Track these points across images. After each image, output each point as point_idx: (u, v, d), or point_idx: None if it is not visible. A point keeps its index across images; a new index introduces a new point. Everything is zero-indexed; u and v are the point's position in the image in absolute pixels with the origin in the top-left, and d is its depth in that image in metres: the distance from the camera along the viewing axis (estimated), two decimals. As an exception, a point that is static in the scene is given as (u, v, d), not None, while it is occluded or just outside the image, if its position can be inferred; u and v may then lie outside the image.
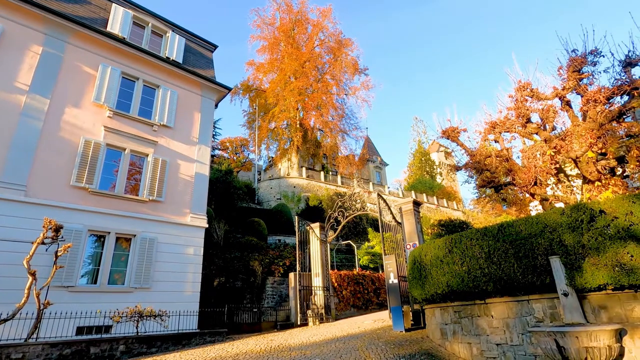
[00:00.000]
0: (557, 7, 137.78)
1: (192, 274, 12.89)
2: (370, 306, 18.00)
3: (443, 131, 11.47)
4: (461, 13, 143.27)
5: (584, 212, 5.34)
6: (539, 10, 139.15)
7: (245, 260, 17.47)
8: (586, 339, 4.38)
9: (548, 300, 5.77)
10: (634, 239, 4.77)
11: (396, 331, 10.04)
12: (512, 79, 10.23)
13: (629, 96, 8.34)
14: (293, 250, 18.70)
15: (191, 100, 15.35)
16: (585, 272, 5.11)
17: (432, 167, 53.68)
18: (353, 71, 40.63)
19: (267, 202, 33.36)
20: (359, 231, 29.55)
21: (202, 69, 16.44)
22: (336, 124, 39.09)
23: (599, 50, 8.77)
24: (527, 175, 9.52)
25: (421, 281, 7.91)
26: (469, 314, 7.07)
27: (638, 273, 4.64)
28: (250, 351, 8.73)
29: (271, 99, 37.08)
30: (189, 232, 13.34)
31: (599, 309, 5.19)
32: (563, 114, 9.79)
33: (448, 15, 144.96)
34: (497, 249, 6.24)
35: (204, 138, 15.11)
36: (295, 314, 14.84)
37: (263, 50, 39.57)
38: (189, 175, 14.10)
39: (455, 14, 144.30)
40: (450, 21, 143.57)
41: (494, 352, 6.42)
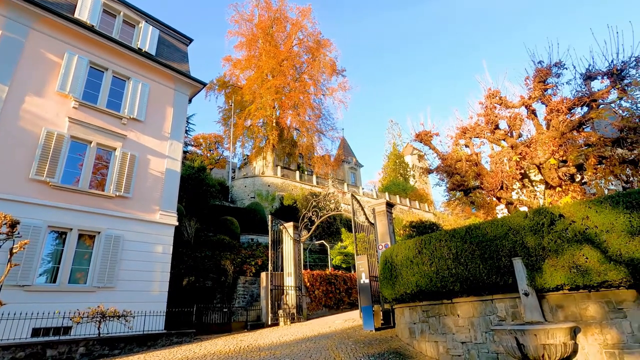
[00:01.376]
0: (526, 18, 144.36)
1: (160, 273, 12.49)
2: (342, 306, 18.13)
3: (416, 135, 11.72)
4: (435, 20, 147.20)
5: (545, 216, 5.60)
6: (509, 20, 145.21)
7: (216, 259, 17.13)
8: (544, 336, 4.60)
9: (510, 300, 6.01)
10: (589, 242, 5.05)
11: (366, 330, 10.15)
12: (483, 86, 10.61)
13: (589, 107, 8.84)
14: (266, 250, 18.53)
15: (164, 94, 14.89)
16: (544, 273, 5.36)
17: (405, 169, 54.75)
18: (331, 72, 40.79)
19: (240, 201, 32.90)
20: (333, 231, 29.70)
21: (176, 62, 15.99)
22: (313, 124, 39.11)
23: (563, 63, 9.24)
24: (495, 180, 9.89)
25: (392, 281, 8.04)
26: (436, 313, 7.26)
27: (592, 274, 4.92)
28: (218, 352, 8.57)
29: (248, 96, 36.58)
30: (157, 230, 12.92)
31: (557, 308, 5.47)
32: (529, 122, 10.24)
33: (423, 21, 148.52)
34: (464, 250, 6.44)
35: (176, 133, 14.69)
36: (266, 313, 14.71)
37: (240, 46, 38.99)
38: (159, 171, 13.67)
39: (430, 20, 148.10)
40: (425, 27, 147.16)
41: (459, 350, 6.63)
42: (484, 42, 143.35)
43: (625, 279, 4.68)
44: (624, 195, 4.99)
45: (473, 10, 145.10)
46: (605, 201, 5.07)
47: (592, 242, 5.01)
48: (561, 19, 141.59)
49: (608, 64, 8.49)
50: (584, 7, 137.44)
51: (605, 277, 4.82)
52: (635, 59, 8.02)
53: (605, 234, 4.90)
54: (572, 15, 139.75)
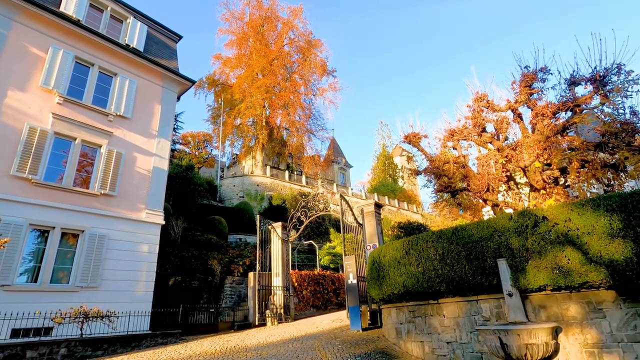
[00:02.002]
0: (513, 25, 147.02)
1: (146, 272, 12.31)
2: (330, 306, 18.15)
3: (405, 136, 11.83)
4: (426, 23, 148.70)
5: (529, 218, 5.71)
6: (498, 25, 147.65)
7: (203, 259, 16.95)
8: (526, 336, 4.69)
9: (495, 300, 6.11)
10: (571, 243, 5.17)
11: (353, 331, 10.18)
12: (471, 90, 10.77)
13: (572, 112, 9.05)
14: (254, 250, 18.41)
15: (151, 91, 14.67)
16: (528, 274, 5.47)
17: (394, 170, 55.14)
18: (321, 72, 40.82)
19: (229, 200, 32.65)
20: (322, 231, 29.71)
21: (165, 59, 15.78)
22: (303, 124, 39.08)
23: (548, 68, 9.44)
24: (481, 182, 10.04)
25: (379, 281, 8.09)
26: (422, 314, 7.33)
27: (573, 275, 5.03)
28: (204, 352, 8.49)
29: (237, 94, 36.34)
30: (143, 229, 12.72)
31: (539, 308, 5.58)
32: (515, 125, 10.43)
33: (414, 24, 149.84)
34: (450, 251, 6.51)
35: (164, 131, 14.50)
36: (253, 314, 14.63)
37: (231, 44, 38.71)
38: (146, 169, 13.46)
39: (421, 23, 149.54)
40: (415, 30, 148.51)
41: (444, 350, 6.70)
42: (473, 46, 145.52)
43: (605, 280, 4.80)
44: (604, 198, 5.12)
45: (463, 14, 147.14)
46: (587, 204, 5.20)
47: (574, 244, 5.13)
48: (548, 25, 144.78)
49: (591, 70, 8.71)
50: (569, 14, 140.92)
51: (586, 278, 4.94)
52: (617, 66, 8.24)
53: (587, 236, 5.02)
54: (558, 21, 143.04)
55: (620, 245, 4.72)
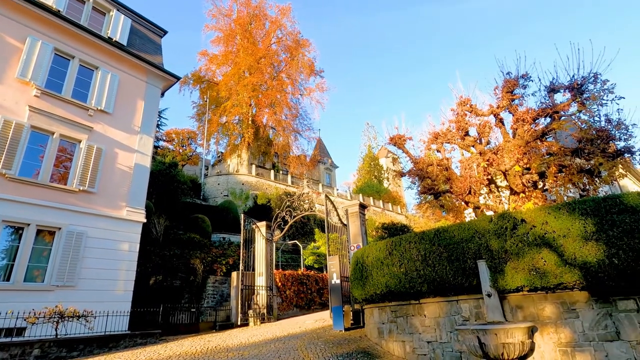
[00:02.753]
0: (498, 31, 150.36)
1: (126, 271, 12.04)
2: (313, 306, 18.16)
3: (390, 138, 11.94)
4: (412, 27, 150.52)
5: (508, 220, 5.85)
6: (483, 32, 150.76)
7: (185, 258, 16.70)
8: (503, 335, 4.80)
9: (474, 301, 6.24)
10: (547, 245, 5.33)
11: (336, 330, 10.22)
12: (455, 94, 10.96)
13: (551, 119, 9.32)
14: (238, 249, 18.25)
15: (135, 86, 14.36)
16: (506, 275, 5.60)
17: (380, 171, 55.59)
18: (309, 72, 40.79)
19: (213, 199, 32.27)
20: (306, 231, 29.70)
21: (149, 54, 15.47)
22: (289, 123, 38.96)
23: (529, 75, 9.70)
24: (463, 184, 10.23)
25: (362, 282, 8.14)
26: (404, 314, 7.42)
27: (549, 276, 5.19)
28: (184, 353, 8.36)
29: (224, 92, 35.95)
30: (124, 227, 12.45)
31: (516, 308, 5.73)
32: (497, 130, 10.67)
33: (400, 28, 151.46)
34: (432, 252, 6.61)
35: (146, 127, 14.21)
36: (235, 314, 14.50)
37: (218, 41, 38.27)
38: (127, 166, 13.17)
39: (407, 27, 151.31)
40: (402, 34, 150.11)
41: (424, 350, 6.80)
42: (458, 50, 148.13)
43: (579, 281, 4.97)
44: (579, 202, 5.30)
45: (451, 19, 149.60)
46: (563, 208, 5.37)
47: (550, 246, 5.29)
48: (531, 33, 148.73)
49: (570, 79, 9.00)
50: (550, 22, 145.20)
51: (561, 280, 5.10)
52: (593, 75, 8.53)
53: (562, 239, 5.19)
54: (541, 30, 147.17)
55: (594, 248, 4.89)
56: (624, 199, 4.99)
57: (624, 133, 8.51)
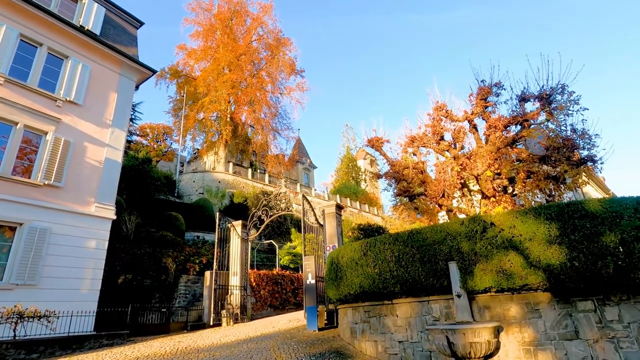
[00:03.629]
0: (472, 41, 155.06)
1: (92, 270, 11.57)
2: (288, 306, 18.09)
3: (368, 140, 12.07)
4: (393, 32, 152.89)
5: (479, 223, 6.04)
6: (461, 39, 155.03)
7: (157, 256, 16.24)
8: (471, 335, 4.95)
9: (445, 301, 6.39)
10: (514, 248, 5.53)
11: (310, 331, 10.22)
12: (431, 99, 11.20)
13: (521, 126, 9.70)
14: (212, 248, 17.93)
15: (107, 77, 13.84)
16: (475, 276, 5.78)
17: (358, 173, 56.09)
18: (290, 71, 40.63)
19: (188, 196, 31.55)
20: (283, 231, 29.56)
21: (124, 45, 14.95)
22: (268, 122, 38.66)
23: (502, 84, 10.06)
24: (437, 188, 10.47)
25: (337, 282, 8.18)
26: (377, 314, 7.51)
27: (515, 278, 5.39)
28: (153, 354, 8.13)
29: (202, 88, 35.25)
30: (92, 224, 11.96)
31: (484, 308, 5.92)
32: (471, 135, 10.99)
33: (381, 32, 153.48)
34: (406, 254, 6.73)
35: (119, 121, 13.72)
36: (208, 313, 14.24)
37: (197, 35, 37.49)
38: (97, 160, 12.67)
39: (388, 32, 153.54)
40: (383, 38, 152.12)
41: (396, 349, 6.91)
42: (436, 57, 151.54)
43: (543, 282, 5.19)
44: (545, 207, 5.54)
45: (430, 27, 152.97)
46: (530, 212, 5.59)
47: (517, 249, 5.50)
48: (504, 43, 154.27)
49: (539, 89, 9.39)
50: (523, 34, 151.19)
51: (526, 281, 5.31)
52: (561, 86, 8.94)
53: (528, 242, 5.40)
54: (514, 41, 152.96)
55: (557, 251, 5.12)
56: (585, 205, 5.25)
57: (588, 142, 8.97)
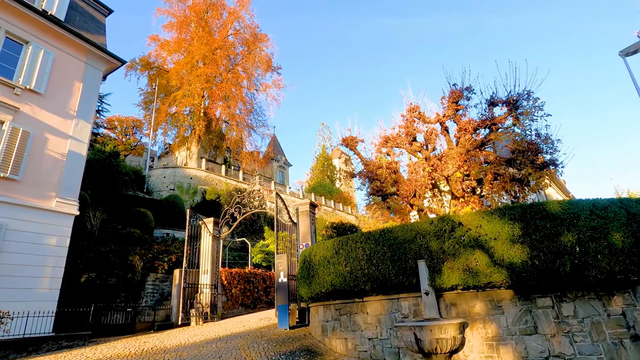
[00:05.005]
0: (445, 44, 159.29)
1: (52, 268, 10.97)
2: (259, 305, 17.92)
3: (343, 139, 12.14)
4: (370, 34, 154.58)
5: (447, 223, 6.21)
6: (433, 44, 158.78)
7: (123, 254, 15.63)
8: (437, 331, 5.07)
9: (413, 299, 6.54)
10: (480, 247, 5.73)
11: (281, 329, 10.17)
12: (405, 100, 11.42)
13: (490, 130, 10.06)
14: (182, 246, 17.46)
15: (72, 66, 13.14)
16: (443, 275, 5.94)
17: (333, 172, 56.34)
18: (266, 68, 40.17)
19: (158, 192, 30.59)
20: (256, 229, 29.26)
21: (91, 33, 14.25)
22: (243, 118, 38.07)
23: (473, 88, 10.39)
24: (409, 188, 10.69)
25: (309, 280, 8.18)
26: (348, 312, 7.57)
27: (480, 276, 5.58)
28: (116, 355, 7.82)
29: (174, 81, 34.20)
30: (52, 220, 11.33)
31: (451, 305, 6.10)
32: (442, 137, 11.28)
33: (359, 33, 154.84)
34: (377, 252, 6.82)
35: (84, 112, 13.07)
36: (176, 313, 13.87)
37: (170, 27, 36.31)
38: (59, 153, 12.01)
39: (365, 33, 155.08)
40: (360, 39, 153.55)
41: (365, 346, 7.00)
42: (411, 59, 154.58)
43: (506, 280, 5.41)
44: (509, 208, 5.76)
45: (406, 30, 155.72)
46: (495, 212, 5.81)
47: (483, 248, 5.69)
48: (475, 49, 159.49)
49: (507, 94, 9.77)
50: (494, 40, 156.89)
51: (490, 279, 5.51)
52: (527, 92, 9.34)
53: (493, 241, 5.61)
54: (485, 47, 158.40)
55: (519, 250, 5.35)
56: (546, 207, 5.52)
57: (551, 147, 9.43)
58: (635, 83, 10.04)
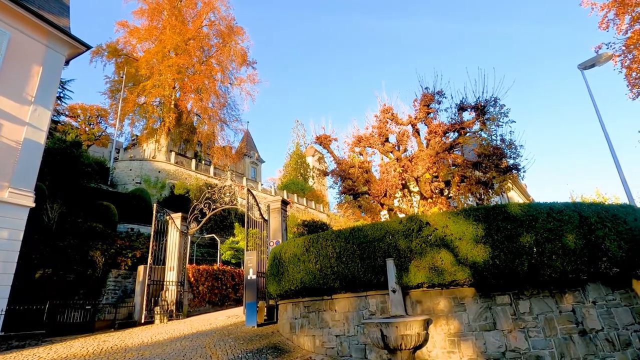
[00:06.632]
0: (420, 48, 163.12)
1: (3, 263, 10.25)
2: (227, 302, 17.65)
3: (317, 137, 12.15)
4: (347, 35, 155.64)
5: (416, 222, 6.36)
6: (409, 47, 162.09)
7: (83, 249, 14.88)
8: (403, 328, 5.21)
9: (381, 296, 6.66)
10: (446, 246, 5.92)
11: (249, 327, 10.07)
12: (379, 101, 11.59)
13: (458, 134, 10.41)
14: (147, 241, 16.85)
15: (31, 48, 12.30)
16: (410, 273, 6.09)
17: (306, 170, 56.33)
18: (241, 62, 39.51)
19: (123, 185, 29.37)
20: (226, 225, 28.77)
21: (53, 14, 13.41)
22: (216, 112, 37.26)
23: (444, 92, 10.70)
24: (380, 187, 10.87)
25: (278, 277, 8.14)
26: (316, 309, 7.60)
27: (445, 274, 5.77)
28: (72, 355, 7.44)
29: (144, 70, 32.91)
30: (5, 211, 10.58)
31: (417, 302, 6.26)
32: (413, 139, 11.55)
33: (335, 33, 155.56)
34: (347, 250, 6.88)
35: (43, 98, 12.28)
36: (139, 310, 13.39)
37: (141, 13, 34.89)
38: (14, 140, 11.23)
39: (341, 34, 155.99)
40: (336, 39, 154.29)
41: (333, 343, 7.06)
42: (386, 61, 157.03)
43: (469, 279, 5.62)
44: (474, 209, 5.99)
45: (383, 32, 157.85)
46: (461, 213, 6.02)
47: (448, 247, 5.89)
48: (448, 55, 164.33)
49: (476, 100, 10.14)
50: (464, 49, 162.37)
51: (454, 277, 5.70)
52: (494, 99, 9.74)
53: (458, 241, 5.81)
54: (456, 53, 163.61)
55: (482, 250, 5.57)
56: (508, 209, 5.78)
57: (514, 152, 9.89)
58: (591, 94, 10.73)
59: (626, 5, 13.61)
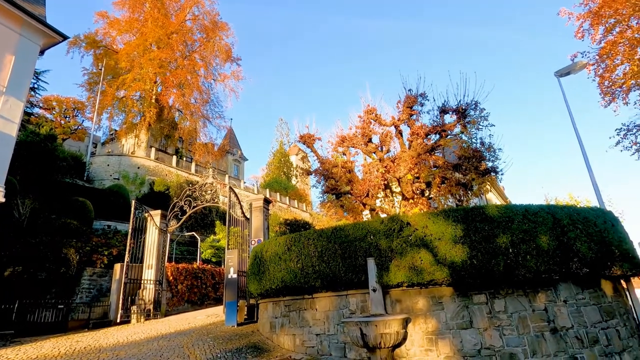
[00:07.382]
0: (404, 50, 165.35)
1: (-31, 260, 9.80)
2: (207, 301, 17.41)
3: (301, 136, 12.13)
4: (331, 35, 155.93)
5: (397, 222, 6.44)
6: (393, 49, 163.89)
7: (56, 246, 14.36)
8: (382, 327, 5.26)
9: (361, 295, 6.71)
10: (425, 246, 6.02)
11: (228, 326, 9.96)
12: (363, 102, 11.66)
13: (440, 136, 10.60)
14: (125, 239, 16.41)
15: (3, 37, 11.76)
16: (390, 272, 6.16)
17: (289, 168, 56.11)
18: (225, 58, 38.99)
19: (100, 181, 28.54)
20: (207, 223, 28.37)
21: (28, 1, 12.86)
22: (199, 108, 36.64)
23: (426, 95, 10.87)
24: (363, 187, 10.95)
25: (259, 276, 8.08)
26: (297, 308, 7.59)
27: (424, 274, 5.86)
28: (43, 356, 7.18)
29: (124, 63, 32.01)
30: (-28, 206, 10.12)
31: (396, 301, 6.34)
32: (396, 140, 11.68)
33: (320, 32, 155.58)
34: (328, 249, 6.90)
35: (16, 89, 11.77)
36: (115, 310, 13.05)
37: (122, 4, 33.93)
38: (-17, 132, 10.73)
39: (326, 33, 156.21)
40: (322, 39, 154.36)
41: (313, 342, 7.07)
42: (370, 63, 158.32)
43: (447, 278, 5.73)
44: (453, 210, 6.11)
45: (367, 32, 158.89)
46: (440, 214, 6.13)
47: (428, 247, 5.99)
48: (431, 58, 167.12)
49: (457, 103, 10.35)
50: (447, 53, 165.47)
51: (433, 277, 5.81)
52: (474, 103, 9.96)
53: (437, 241, 5.92)
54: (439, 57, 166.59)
55: (460, 250, 5.70)
56: (486, 210, 5.93)
57: (493, 155, 10.15)
58: (567, 101, 11.11)
59: (600, 17, 14.17)
